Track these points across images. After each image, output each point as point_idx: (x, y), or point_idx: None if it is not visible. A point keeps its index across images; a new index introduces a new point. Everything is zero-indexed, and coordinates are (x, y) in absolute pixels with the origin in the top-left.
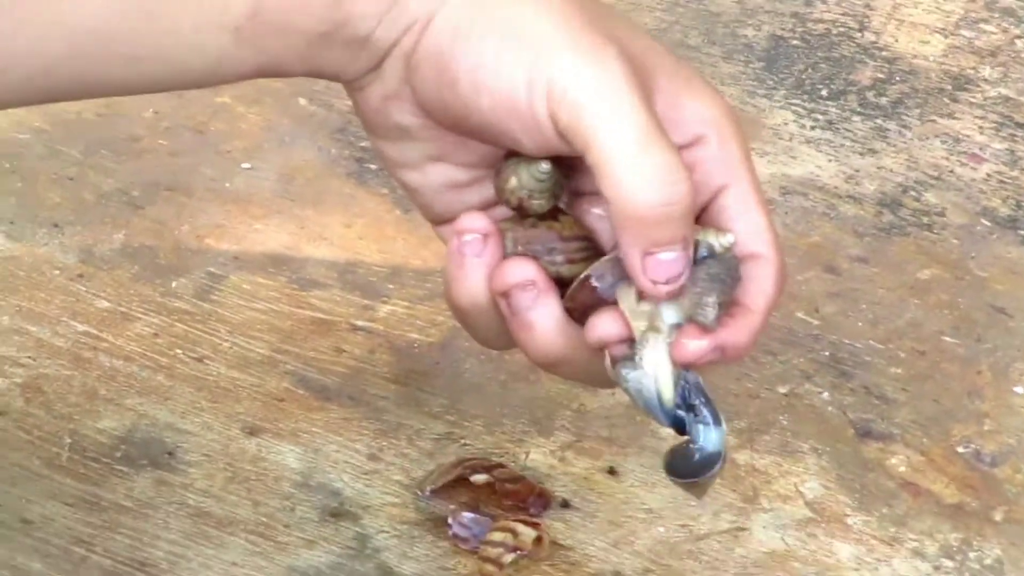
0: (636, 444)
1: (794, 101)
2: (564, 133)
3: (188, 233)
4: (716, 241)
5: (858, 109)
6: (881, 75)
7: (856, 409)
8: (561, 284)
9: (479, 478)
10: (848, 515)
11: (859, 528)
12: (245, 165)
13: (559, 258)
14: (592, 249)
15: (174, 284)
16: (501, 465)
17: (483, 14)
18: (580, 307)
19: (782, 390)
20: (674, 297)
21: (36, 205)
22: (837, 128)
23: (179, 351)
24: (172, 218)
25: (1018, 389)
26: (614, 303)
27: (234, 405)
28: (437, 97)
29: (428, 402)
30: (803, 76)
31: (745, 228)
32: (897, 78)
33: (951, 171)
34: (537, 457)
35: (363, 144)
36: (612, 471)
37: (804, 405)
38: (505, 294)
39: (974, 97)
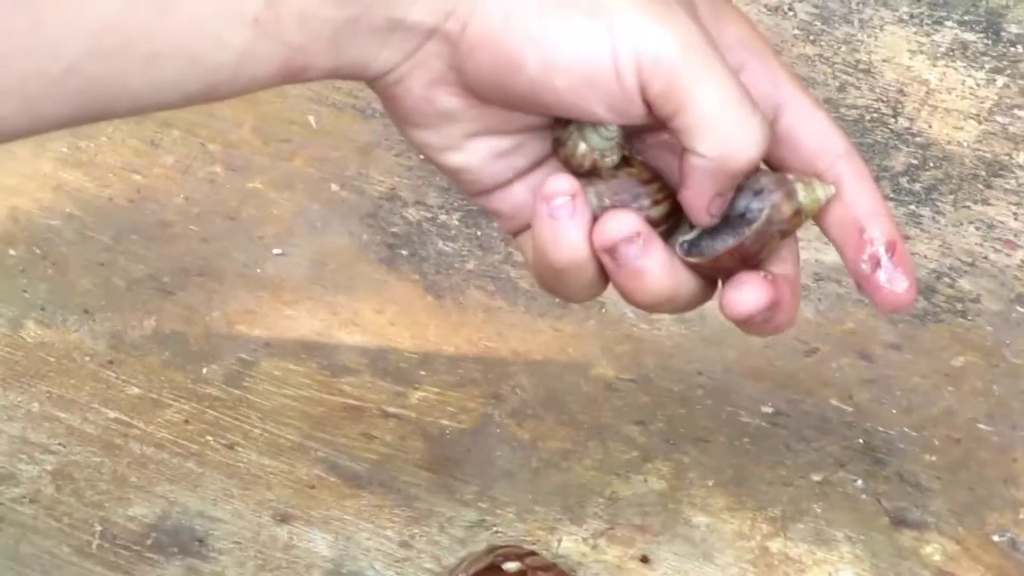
0: (669, 532)
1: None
2: (655, 100)
3: (219, 319)
4: (822, 193)
5: (891, 195)
6: (915, 161)
7: (890, 497)
8: (651, 224)
9: (511, 566)
10: None
11: None
12: (276, 251)
13: (646, 202)
14: (666, 185)
15: (205, 371)
16: (533, 553)
17: None
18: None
19: (816, 478)
20: None
21: (67, 291)
22: None
23: (210, 438)
24: (203, 304)
25: None
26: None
27: (265, 492)
28: (494, 82)
29: (460, 489)
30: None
31: (815, 135)
32: (931, 164)
33: (985, 257)
34: (569, 545)
35: (394, 230)
36: (645, 559)
37: (838, 493)
38: (611, 250)
39: (1008, 183)
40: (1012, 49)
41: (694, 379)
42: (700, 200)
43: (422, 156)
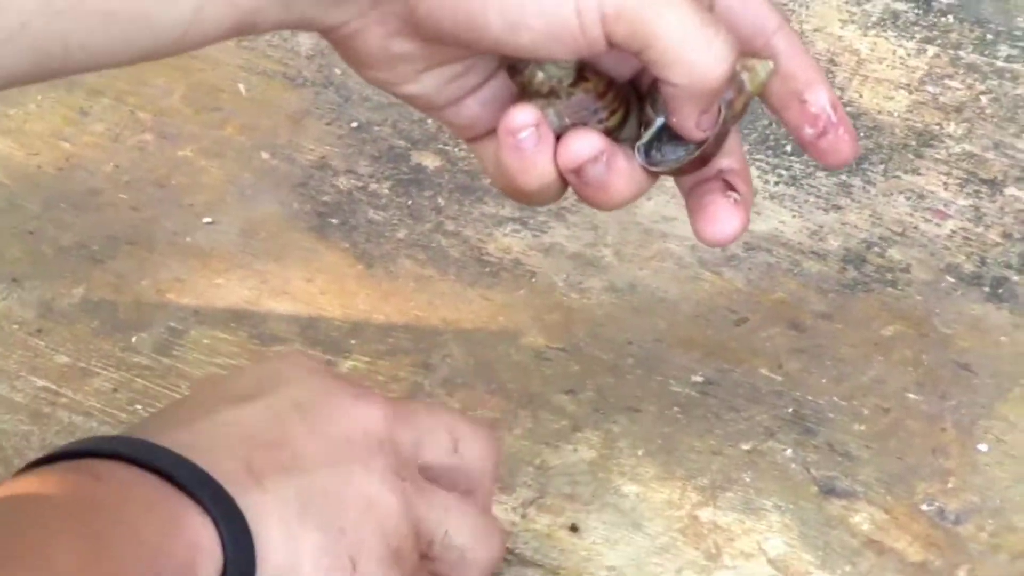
0: (598, 501)
1: (758, 156)
2: (620, 43)
3: (148, 287)
4: (764, 72)
5: (822, 165)
6: None
7: (820, 466)
8: (608, 135)
9: None
10: (811, 573)
11: None
12: (206, 219)
13: (604, 115)
14: (620, 92)
15: (134, 339)
16: None
17: None
18: None
19: (745, 447)
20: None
21: None
22: (801, 184)
23: (139, 407)
24: (132, 272)
25: (982, 447)
26: None
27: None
28: (454, 37)
29: None
30: (767, 132)
31: (750, 15)
32: (862, 134)
33: (915, 227)
34: (499, 514)
35: (325, 199)
36: (574, 528)
37: (767, 462)
38: (576, 170)
39: (938, 153)
40: (943, 19)
41: (624, 348)
42: (688, 122)
43: (354, 125)
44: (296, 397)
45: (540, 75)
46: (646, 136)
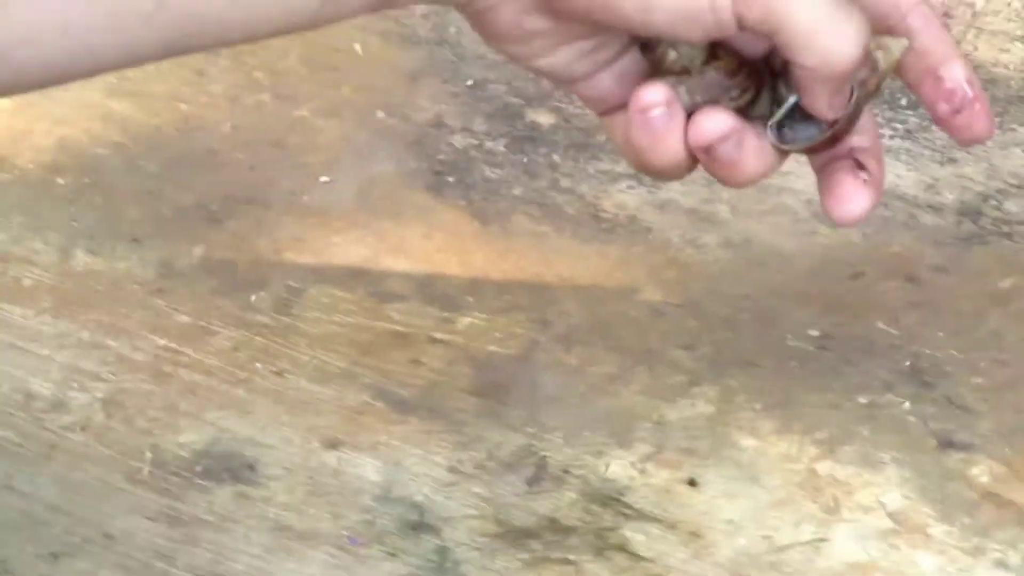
0: (716, 455)
1: (873, 111)
2: (752, 26)
3: (267, 247)
4: (898, 50)
5: (957, 142)
6: None
7: (938, 420)
8: (739, 112)
9: None
10: (930, 526)
11: (941, 539)
12: (323, 178)
13: (735, 92)
14: (753, 71)
15: (253, 298)
16: None
17: None
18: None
19: (863, 400)
20: None
21: (115, 220)
22: (916, 137)
23: (259, 364)
24: (251, 232)
25: None
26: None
27: (314, 418)
28: (587, 14)
29: (507, 415)
30: (883, 85)
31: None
32: None
33: None
34: (617, 469)
35: (440, 156)
36: (692, 482)
37: (885, 415)
38: (707, 149)
39: None
40: None
41: (741, 303)
42: (819, 103)
43: (469, 83)
44: None
45: (672, 54)
46: (778, 115)
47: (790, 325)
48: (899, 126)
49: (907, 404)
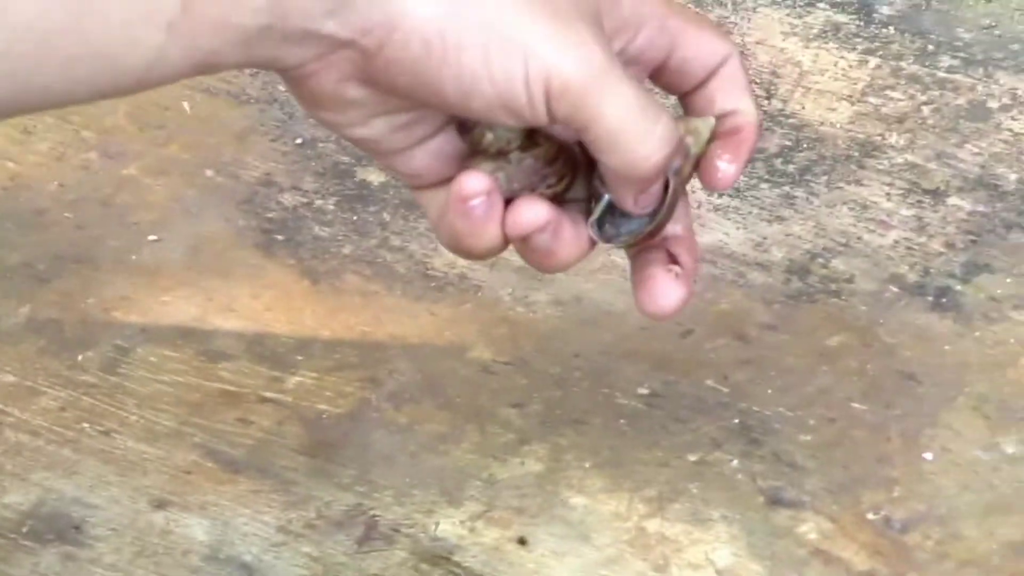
0: (546, 514)
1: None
2: (562, 120)
3: (95, 306)
4: (704, 128)
5: (766, 176)
6: (788, 142)
7: (766, 477)
8: (555, 199)
9: None
10: None
11: None
12: (152, 237)
13: (552, 180)
14: (571, 157)
15: (80, 358)
16: None
17: (455, 22)
18: None
19: (692, 458)
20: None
21: None
22: (745, 196)
23: (86, 425)
24: (78, 291)
25: (927, 455)
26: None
27: (141, 478)
28: (407, 93)
29: (338, 473)
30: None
31: (704, 61)
32: (804, 145)
33: (859, 238)
34: (447, 527)
35: (270, 215)
36: (523, 541)
37: (714, 473)
38: (524, 238)
39: (881, 164)
40: (884, 30)
41: (571, 361)
42: (626, 202)
43: (299, 141)
44: None
45: (489, 136)
46: (597, 211)
47: (620, 383)
48: None
49: (736, 461)
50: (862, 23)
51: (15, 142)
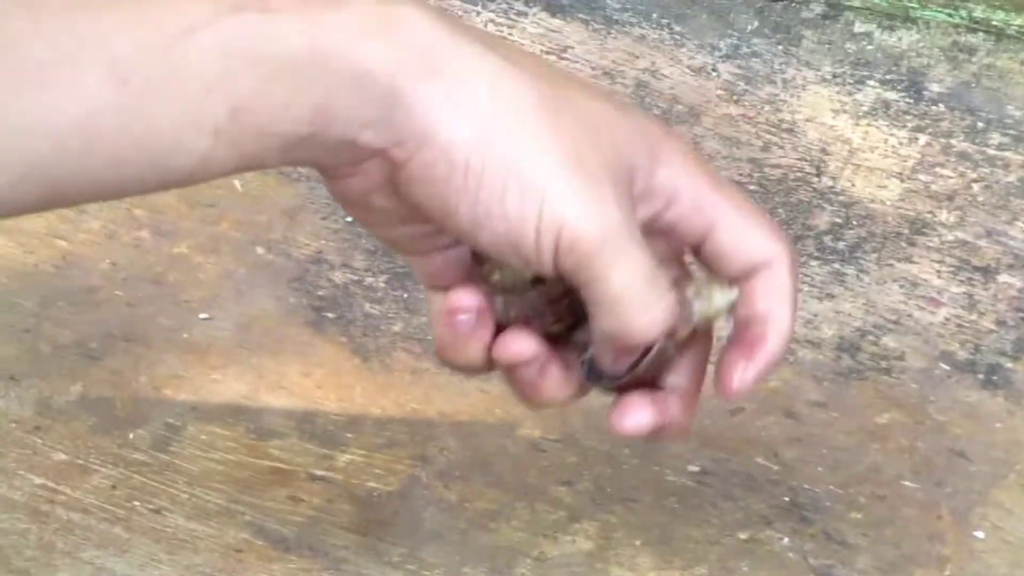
0: None
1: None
2: (566, 274)
3: (146, 384)
4: (720, 299)
5: (816, 254)
6: (839, 220)
7: (817, 555)
8: (551, 339)
9: None
10: None
11: None
12: (203, 315)
13: (549, 319)
14: (574, 301)
15: (131, 435)
16: None
17: (483, 152)
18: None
19: (743, 536)
20: None
21: None
22: None
23: (137, 503)
24: (129, 369)
25: (979, 533)
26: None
27: (192, 556)
28: (425, 209)
29: (387, 551)
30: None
31: (741, 254)
32: (854, 223)
33: (909, 315)
34: None
35: (320, 293)
36: None
37: (765, 551)
38: (509, 368)
39: (931, 241)
40: (934, 108)
41: (620, 439)
42: (604, 359)
43: (349, 219)
44: None
45: (497, 275)
46: (590, 351)
47: (669, 460)
48: None
49: (786, 539)
50: (912, 100)
51: (67, 220)
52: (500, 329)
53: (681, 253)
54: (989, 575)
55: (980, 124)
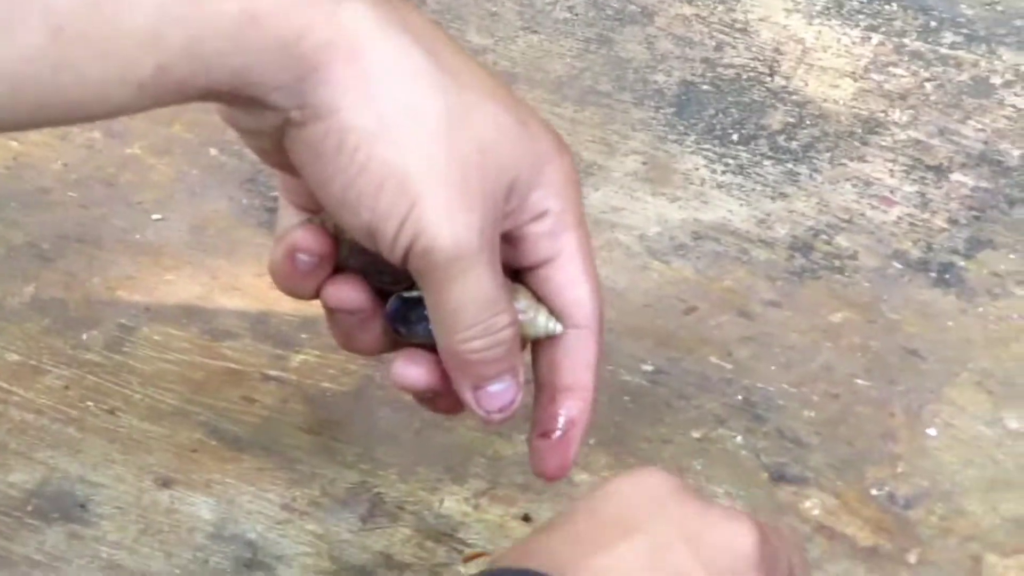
0: (550, 491)
1: (705, 146)
2: (412, 272)
3: (99, 285)
4: (545, 324)
5: (769, 153)
6: (791, 119)
7: (770, 453)
8: (383, 294)
9: None
10: None
11: None
12: (156, 216)
13: (388, 278)
14: None
15: (85, 336)
16: None
17: (373, 146)
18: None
19: (696, 435)
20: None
21: None
22: (748, 173)
23: (90, 403)
24: (82, 270)
25: (931, 431)
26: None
27: (146, 457)
28: (301, 170)
29: (342, 451)
30: (714, 121)
31: (572, 299)
32: (807, 122)
33: (862, 214)
34: (451, 504)
35: (274, 194)
36: (527, 518)
37: (718, 449)
38: (332, 309)
39: (884, 140)
40: (887, 7)
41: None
42: (461, 392)
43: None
44: (678, 526)
45: (344, 250)
46: (394, 302)
47: (623, 360)
48: (731, 161)
49: (739, 438)
50: (865, 0)
51: None
52: (338, 270)
53: (524, 264)
54: (941, 472)
55: (933, 23)
